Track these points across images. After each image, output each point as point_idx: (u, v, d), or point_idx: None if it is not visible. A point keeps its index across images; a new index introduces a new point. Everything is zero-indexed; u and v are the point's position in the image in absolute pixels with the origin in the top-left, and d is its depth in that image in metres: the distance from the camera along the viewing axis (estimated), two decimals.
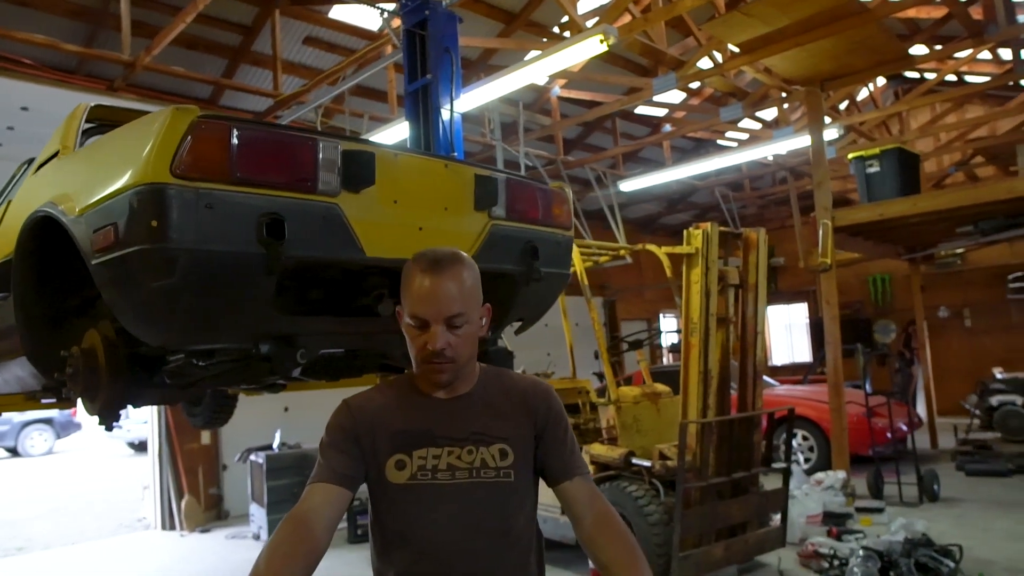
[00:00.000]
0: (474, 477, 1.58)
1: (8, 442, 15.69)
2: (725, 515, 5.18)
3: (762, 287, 5.53)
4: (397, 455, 1.59)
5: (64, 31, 6.92)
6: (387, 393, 1.72)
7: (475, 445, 1.61)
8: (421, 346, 1.57)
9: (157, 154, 1.97)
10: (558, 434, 1.70)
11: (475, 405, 1.66)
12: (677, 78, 7.24)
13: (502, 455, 1.61)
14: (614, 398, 5.73)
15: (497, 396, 1.69)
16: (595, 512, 1.64)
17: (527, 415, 1.68)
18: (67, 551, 7.67)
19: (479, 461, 1.60)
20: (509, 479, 1.60)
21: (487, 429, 1.63)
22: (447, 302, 1.55)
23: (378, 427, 1.62)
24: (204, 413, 5.16)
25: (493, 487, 1.59)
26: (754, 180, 13.54)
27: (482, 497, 1.58)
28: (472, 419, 1.64)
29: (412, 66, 5.26)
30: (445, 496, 1.57)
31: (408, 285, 1.59)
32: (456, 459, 1.59)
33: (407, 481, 1.58)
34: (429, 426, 1.62)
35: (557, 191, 3.13)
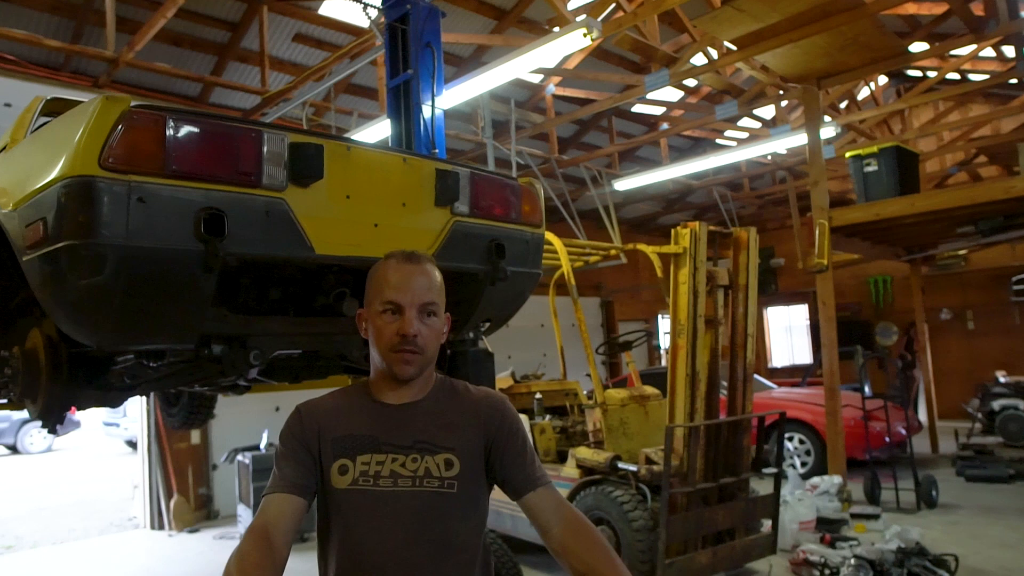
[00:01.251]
0: (416, 486, 1.56)
1: (7, 439, 15.65)
2: (712, 521, 5.06)
3: (752, 288, 5.42)
4: (341, 460, 1.58)
5: (51, 28, 6.86)
6: (339, 398, 1.71)
7: (420, 454, 1.58)
8: (392, 333, 1.56)
9: (86, 145, 1.89)
10: (515, 446, 1.67)
11: (424, 414, 1.64)
12: (670, 75, 7.12)
13: (447, 465, 1.58)
14: (600, 400, 5.63)
15: (448, 406, 1.67)
16: (564, 520, 1.61)
17: (477, 426, 1.65)
18: (54, 550, 7.60)
19: (423, 470, 1.57)
20: (452, 490, 1.57)
21: (434, 438, 1.60)
22: (423, 289, 1.58)
23: (325, 431, 1.61)
24: (181, 414, 5.09)
25: (436, 497, 1.56)
26: (753, 180, 13.41)
27: (423, 506, 1.55)
28: (420, 427, 1.61)
29: (394, 62, 5.16)
30: (386, 503, 1.55)
31: (381, 275, 1.61)
32: (400, 467, 1.57)
33: (348, 486, 1.56)
34: (375, 432, 1.60)
35: (526, 187, 3.04)
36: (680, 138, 12.09)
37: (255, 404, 8.56)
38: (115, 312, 2.00)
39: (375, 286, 1.62)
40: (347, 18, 7.81)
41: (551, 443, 6.20)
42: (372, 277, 1.64)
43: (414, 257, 1.62)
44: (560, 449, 6.10)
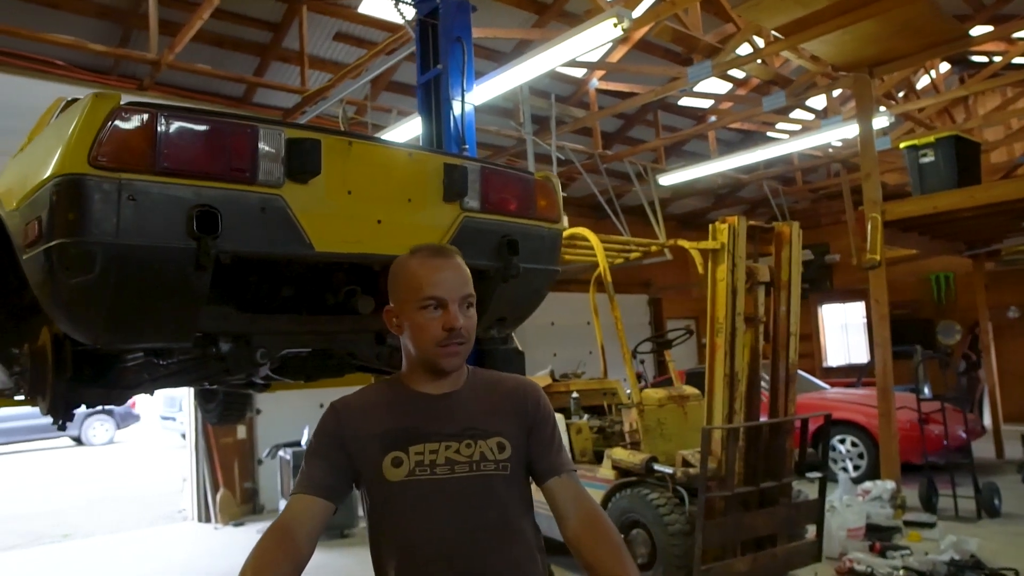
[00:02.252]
0: (474, 470, 1.58)
1: (72, 431, 16.26)
2: (751, 526, 4.89)
3: (795, 285, 5.20)
4: (393, 452, 1.58)
5: (100, 32, 7.03)
6: (375, 393, 1.71)
7: (472, 439, 1.61)
8: (437, 328, 1.57)
9: (75, 144, 1.88)
10: (546, 432, 1.70)
11: (467, 401, 1.66)
12: (713, 66, 6.92)
13: (500, 448, 1.62)
14: (636, 400, 5.49)
15: (486, 393, 1.70)
16: (581, 511, 1.63)
17: (518, 412, 1.68)
18: (107, 540, 7.85)
19: (478, 454, 1.60)
20: (507, 472, 1.61)
21: (481, 423, 1.63)
22: (462, 282, 1.60)
23: (367, 427, 1.61)
24: (217, 410, 5.15)
25: (494, 480, 1.59)
26: (806, 173, 12.98)
27: (484, 490, 1.58)
28: (465, 415, 1.64)
29: (424, 57, 5.13)
30: (446, 490, 1.56)
31: (412, 273, 1.60)
32: (455, 453, 1.59)
33: (405, 477, 1.56)
34: (421, 423, 1.61)
35: (542, 181, 2.94)
36: (730, 132, 11.78)
37: (300, 400, 8.66)
38: (107, 310, 1.98)
39: (408, 283, 1.60)
40: (386, 16, 7.82)
41: (587, 443, 6.09)
42: (400, 274, 1.63)
43: (444, 251, 1.64)
44: (597, 449, 5.99)
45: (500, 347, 4.42)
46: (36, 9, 6.54)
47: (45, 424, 15.06)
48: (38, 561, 7.12)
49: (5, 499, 10.57)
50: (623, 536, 5.10)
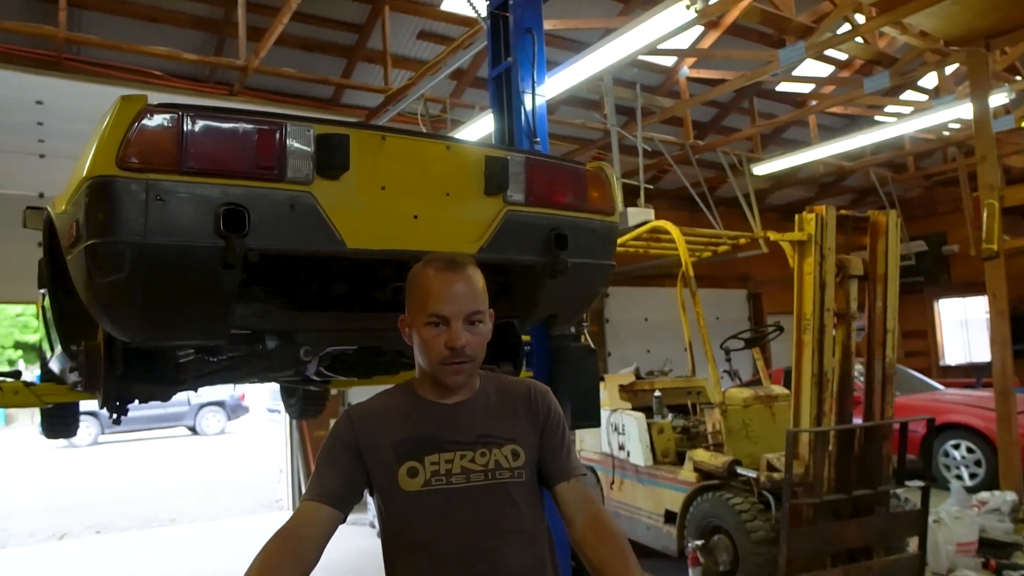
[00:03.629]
0: (489, 479, 1.59)
1: (188, 421, 17.33)
2: (843, 537, 4.56)
3: (892, 278, 4.82)
4: (409, 462, 1.58)
5: (196, 42, 7.37)
6: (389, 400, 1.70)
7: (487, 447, 1.61)
8: (439, 346, 1.57)
9: (104, 145, 1.91)
10: (557, 436, 1.70)
11: (480, 408, 1.66)
12: (806, 47, 6.52)
13: (514, 455, 1.62)
14: (718, 400, 5.25)
15: (498, 399, 1.69)
16: (588, 513, 1.65)
17: (530, 416, 1.68)
18: (208, 526, 8.27)
19: (493, 463, 1.60)
20: (522, 479, 1.62)
21: (495, 431, 1.64)
22: (468, 299, 1.57)
23: (382, 435, 1.61)
24: (297, 405, 5.28)
25: (509, 487, 1.60)
26: (919, 159, 12.10)
27: (498, 498, 1.59)
28: (478, 422, 1.64)
29: (495, 50, 5.05)
30: (462, 500, 1.57)
31: (423, 285, 1.59)
32: (470, 462, 1.59)
33: (421, 488, 1.57)
34: (435, 432, 1.61)
35: (595, 172, 2.81)
36: (833, 117, 11.13)
37: None
38: (140, 309, 2.02)
39: (417, 296, 1.60)
40: (468, 12, 7.81)
41: (670, 444, 5.88)
42: (412, 285, 1.63)
43: (454, 264, 1.60)
44: (680, 450, 5.77)
45: (571, 344, 4.31)
46: (138, 24, 6.93)
47: (165, 414, 16.15)
48: (144, 543, 7.57)
49: (124, 484, 11.33)
50: (704, 542, 4.92)
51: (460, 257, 1.62)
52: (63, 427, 4.32)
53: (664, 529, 5.54)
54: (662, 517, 5.57)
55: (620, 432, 6.07)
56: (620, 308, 12.15)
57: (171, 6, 7.01)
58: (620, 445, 6.06)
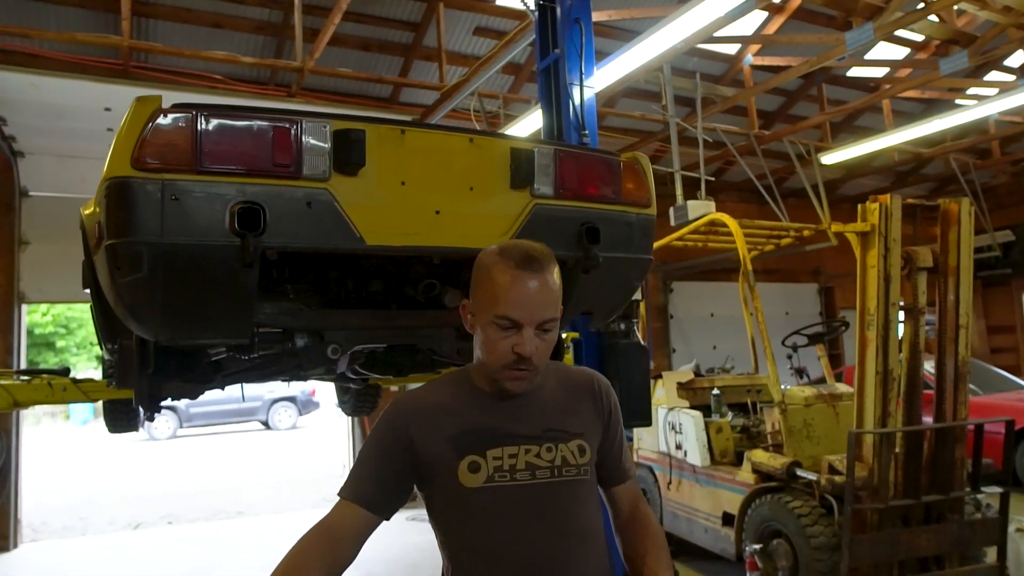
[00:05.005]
0: (556, 476, 1.50)
1: (261, 416, 17.87)
2: (911, 544, 4.31)
3: (965, 271, 4.52)
4: (470, 457, 1.47)
5: (257, 46, 7.55)
6: (443, 390, 1.59)
7: (553, 442, 1.52)
8: (505, 350, 1.45)
9: (121, 146, 1.93)
10: (618, 433, 1.65)
11: (544, 401, 1.56)
12: (875, 28, 6.19)
13: (581, 452, 1.54)
14: (778, 399, 5.04)
15: (561, 391, 1.60)
16: (634, 510, 1.67)
17: (596, 410, 1.61)
18: (272, 519, 8.48)
19: (560, 459, 1.51)
20: (587, 476, 1.55)
21: (561, 424, 1.55)
22: (543, 305, 1.44)
23: (438, 428, 1.50)
24: (351, 401, 5.35)
25: (576, 486, 1.52)
26: (1005, 143, 11.39)
27: (565, 497, 1.51)
28: (543, 415, 1.54)
29: (544, 43, 4.98)
30: (527, 498, 1.48)
31: (495, 281, 1.44)
32: (535, 457, 1.50)
33: (484, 484, 1.47)
34: (498, 424, 1.51)
35: (630, 163, 2.71)
36: (910, 102, 10.59)
37: None
38: (161, 308, 2.03)
39: (487, 289, 1.45)
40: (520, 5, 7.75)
41: (729, 443, 5.69)
42: (482, 275, 1.48)
43: (534, 261, 1.44)
44: (740, 450, 5.58)
45: (622, 341, 4.20)
46: (206, 31, 7.13)
47: (239, 408, 16.69)
48: (212, 535, 7.82)
49: (197, 476, 11.75)
50: (762, 546, 4.74)
51: (540, 252, 1.46)
52: (125, 422, 4.47)
53: (722, 531, 5.36)
54: (720, 519, 5.40)
55: (677, 431, 5.92)
56: (685, 303, 11.89)
57: (233, 12, 7.19)
58: (677, 444, 5.91)
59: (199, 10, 7.01)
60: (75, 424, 23.76)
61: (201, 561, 6.76)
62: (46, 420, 23.95)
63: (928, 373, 4.67)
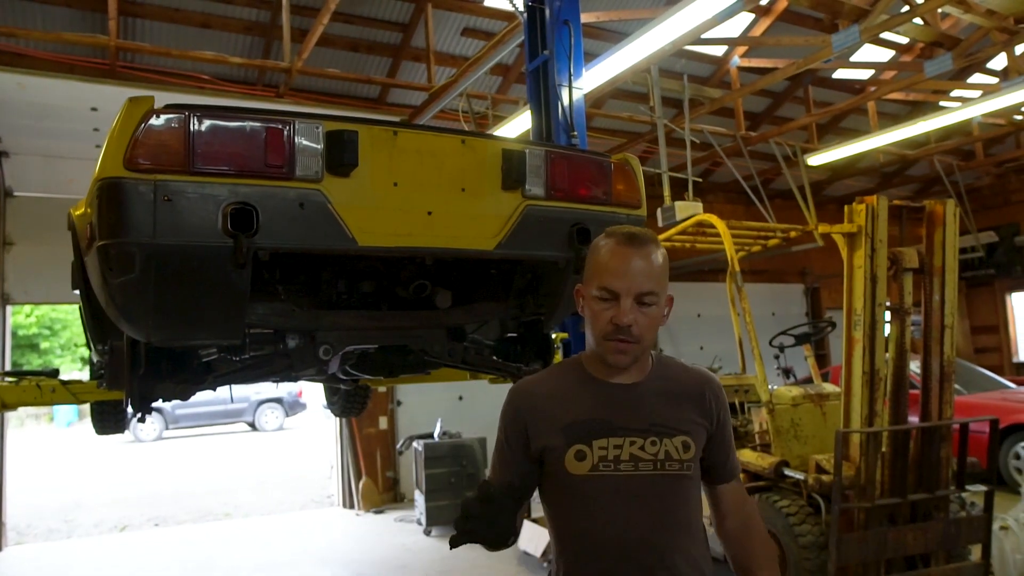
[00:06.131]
0: (658, 469, 1.55)
1: (247, 417, 17.76)
2: (898, 543, 4.35)
3: (951, 271, 4.57)
4: (577, 446, 1.56)
5: (246, 47, 7.51)
6: (558, 378, 1.68)
7: (658, 436, 1.57)
8: (607, 320, 1.54)
9: (113, 147, 1.93)
10: (727, 433, 1.69)
11: (653, 394, 1.61)
12: (860, 30, 6.24)
13: (685, 447, 1.57)
14: (765, 399, 5.07)
15: (672, 386, 1.64)
16: (744, 514, 1.70)
17: (704, 409, 1.64)
18: (261, 520, 8.44)
19: (663, 453, 1.56)
20: (690, 472, 1.58)
21: (668, 420, 1.59)
22: (641, 277, 1.52)
23: (550, 415, 1.60)
24: (340, 403, 5.33)
25: (677, 480, 1.56)
26: (989, 145, 11.52)
27: (667, 490, 1.56)
28: (651, 409, 1.59)
29: (532, 44, 5.00)
30: (629, 488, 1.54)
31: (599, 257, 1.58)
32: (639, 450, 1.55)
33: (588, 472, 1.55)
34: (607, 415, 1.58)
35: (620, 164, 2.73)
36: (895, 104, 10.69)
37: (440, 393, 8.87)
38: (153, 309, 2.03)
39: (592, 267, 1.58)
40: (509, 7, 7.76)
41: None
42: (592, 256, 1.61)
43: (636, 239, 1.55)
44: None
45: None
46: (194, 31, 7.09)
47: (225, 410, 16.58)
48: (199, 537, 7.77)
49: (184, 478, 11.68)
50: None
51: (642, 232, 1.57)
52: (112, 423, 4.44)
53: (710, 531, 5.38)
54: (708, 519, 5.42)
55: None
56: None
57: (221, 12, 7.16)
58: None
59: (187, 10, 6.97)
60: (59, 426, 23.54)
61: (189, 563, 6.72)
62: (30, 422, 23.70)
63: (914, 373, 4.73)
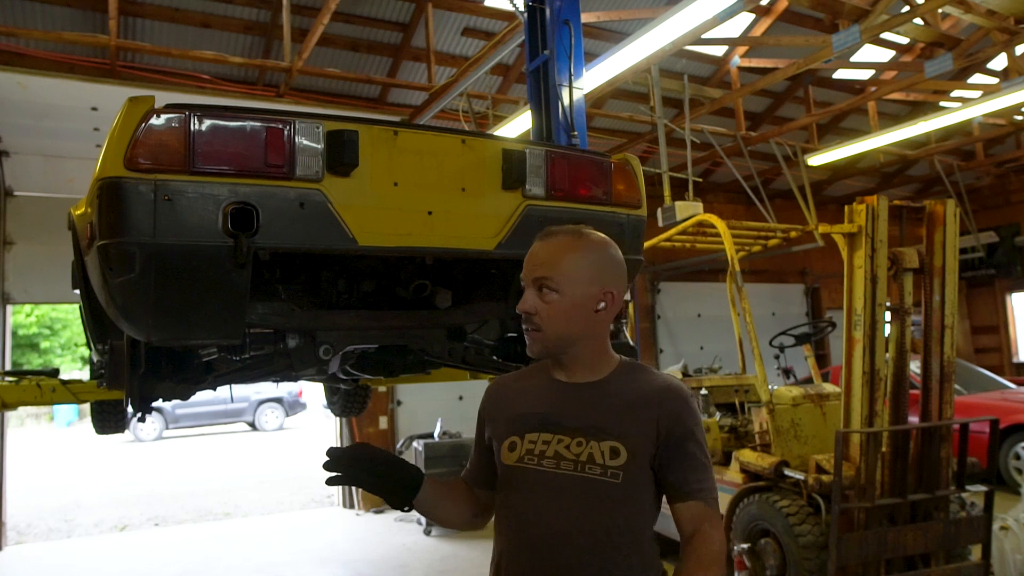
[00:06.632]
0: (578, 471, 1.53)
1: (247, 417, 17.77)
2: (898, 543, 4.36)
3: (951, 271, 4.58)
4: (511, 437, 1.62)
5: (246, 46, 7.51)
6: (530, 376, 1.74)
7: (586, 438, 1.55)
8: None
9: (114, 147, 1.93)
10: (685, 450, 1.56)
11: (601, 396, 1.60)
12: (861, 31, 6.24)
13: (612, 453, 1.53)
14: (765, 399, 5.07)
15: (627, 392, 1.59)
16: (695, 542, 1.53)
17: (654, 421, 1.55)
18: (261, 520, 8.45)
19: (586, 455, 1.53)
20: (616, 480, 1.52)
21: (605, 424, 1.55)
22: (535, 264, 1.57)
23: (505, 408, 1.68)
24: (339, 402, 5.32)
25: (600, 485, 1.52)
26: (989, 145, 11.51)
27: (588, 493, 1.52)
28: (593, 410, 1.57)
29: (533, 44, 4.99)
30: (546, 484, 1.54)
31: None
32: (565, 448, 1.55)
33: (515, 463, 1.59)
34: (547, 411, 1.61)
35: (620, 164, 2.73)
36: (895, 104, 10.69)
37: (440, 392, 8.87)
38: (153, 308, 2.02)
39: None
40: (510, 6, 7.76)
41: (716, 443, 5.72)
42: None
43: (548, 232, 1.61)
44: (727, 450, 5.61)
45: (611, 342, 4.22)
46: (195, 31, 7.09)
47: (225, 410, 16.59)
48: (199, 536, 7.78)
49: (184, 478, 11.68)
50: (750, 546, 4.76)
51: (564, 227, 1.61)
52: (112, 423, 4.44)
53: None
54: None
55: None
56: (672, 304, 11.94)
57: (222, 12, 7.15)
58: None
59: (187, 9, 6.97)
60: (59, 426, 23.54)
61: (189, 563, 6.73)
62: (30, 422, 23.72)
63: (914, 373, 4.73)
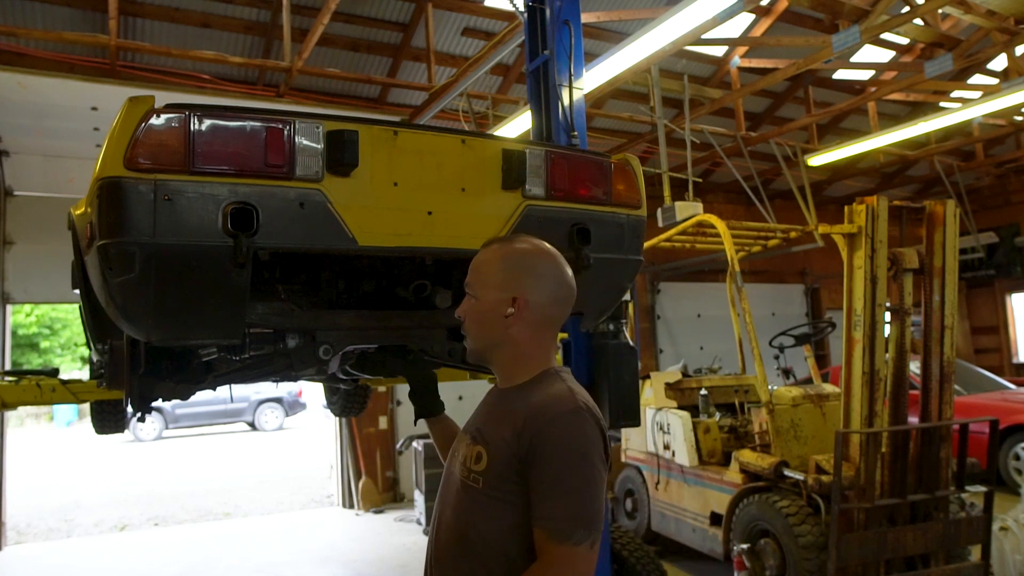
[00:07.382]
0: (460, 473, 1.57)
1: (247, 417, 17.76)
2: (898, 543, 4.36)
3: (951, 271, 4.58)
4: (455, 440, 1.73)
5: (246, 46, 7.51)
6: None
7: (473, 441, 1.58)
8: None
9: (113, 147, 1.92)
10: (544, 474, 1.43)
11: (498, 402, 1.63)
12: (861, 31, 6.24)
13: (477, 459, 1.54)
14: (765, 399, 5.07)
15: (516, 400, 1.57)
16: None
17: (516, 432, 1.49)
18: (261, 520, 8.44)
19: (463, 457, 1.58)
20: (477, 485, 1.51)
21: (484, 429, 1.58)
22: (469, 271, 1.64)
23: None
24: (339, 402, 5.32)
25: (466, 487, 1.54)
26: (989, 146, 11.52)
27: (458, 493, 1.56)
28: (487, 416, 1.62)
29: (533, 44, 4.98)
30: (445, 482, 1.64)
31: None
32: (465, 449, 1.60)
33: (444, 462, 1.73)
34: (473, 417, 1.68)
35: (620, 164, 2.73)
36: (895, 104, 10.69)
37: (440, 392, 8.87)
38: (152, 308, 2.02)
39: None
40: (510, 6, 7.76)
41: (716, 444, 5.72)
42: None
43: (488, 240, 1.69)
44: (727, 450, 5.61)
45: (611, 342, 4.21)
46: (195, 31, 7.09)
47: (225, 410, 16.58)
48: (199, 536, 7.77)
49: (184, 478, 11.68)
50: (750, 546, 4.77)
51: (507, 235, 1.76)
52: (112, 423, 4.43)
53: (710, 531, 5.40)
54: (708, 519, 5.44)
55: (665, 431, 5.95)
56: (672, 304, 11.94)
57: (222, 12, 7.15)
58: (665, 444, 5.94)
59: (187, 9, 6.97)
60: (59, 425, 23.54)
61: (189, 563, 6.72)
62: (30, 422, 23.71)
63: (914, 373, 4.73)
